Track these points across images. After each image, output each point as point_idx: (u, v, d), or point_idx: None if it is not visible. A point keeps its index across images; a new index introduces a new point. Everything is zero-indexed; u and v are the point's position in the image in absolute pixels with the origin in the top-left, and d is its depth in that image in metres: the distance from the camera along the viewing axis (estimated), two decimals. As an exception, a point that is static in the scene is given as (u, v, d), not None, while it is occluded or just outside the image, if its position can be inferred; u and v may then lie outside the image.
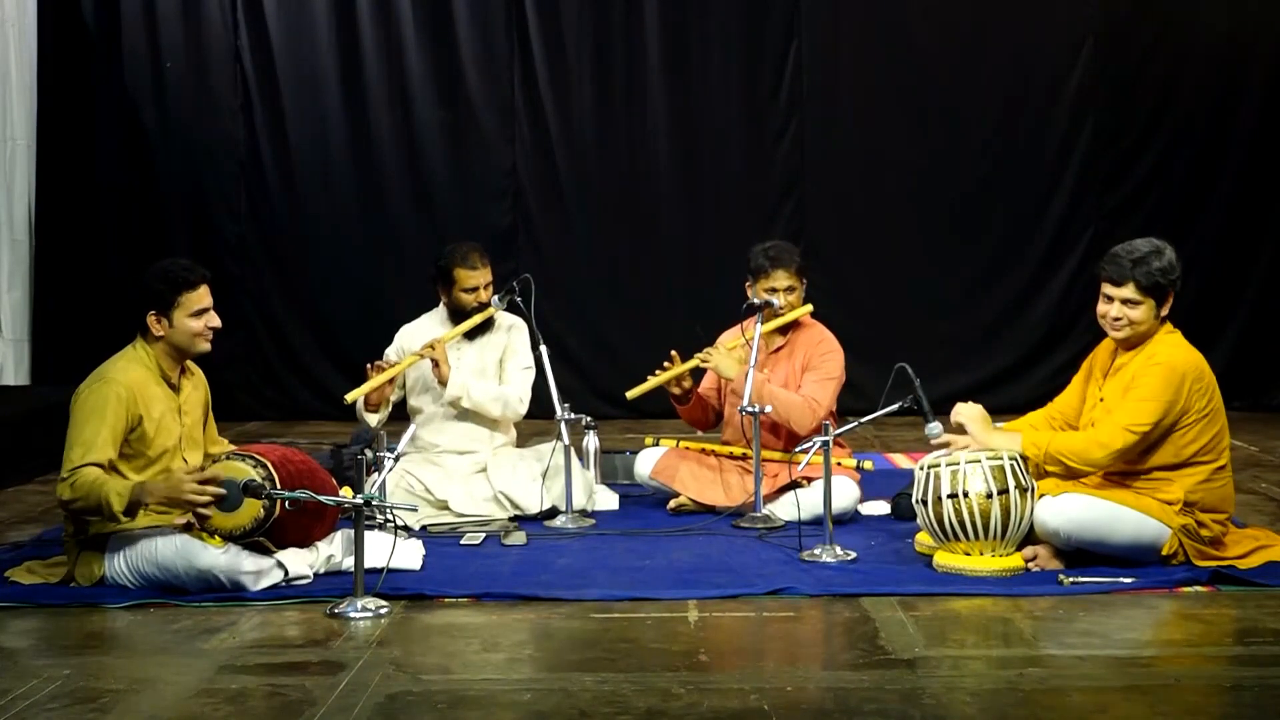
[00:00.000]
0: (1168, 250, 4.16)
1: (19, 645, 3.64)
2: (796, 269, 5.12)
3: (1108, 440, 4.03)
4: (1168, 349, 4.12)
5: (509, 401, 5.19)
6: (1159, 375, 4.05)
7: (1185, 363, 4.09)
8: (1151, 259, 4.11)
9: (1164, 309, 4.16)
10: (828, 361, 5.10)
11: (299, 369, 8.36)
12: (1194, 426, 4.06)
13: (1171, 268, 4.13)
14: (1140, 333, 4.16)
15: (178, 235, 8.25)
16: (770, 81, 8.19)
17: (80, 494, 3.88)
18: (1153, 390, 4.03)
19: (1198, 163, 8.12)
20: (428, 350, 5.08)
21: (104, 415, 3.97)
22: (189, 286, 4.15)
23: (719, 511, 4.98)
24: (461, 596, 3.93)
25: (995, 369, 8.18)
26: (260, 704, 3.09)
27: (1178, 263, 4.17)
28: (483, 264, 5.20)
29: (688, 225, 8.25)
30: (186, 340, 4.16)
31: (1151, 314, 4.13)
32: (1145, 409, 4.02)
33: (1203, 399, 4.07)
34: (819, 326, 5.24)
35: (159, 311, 4.13)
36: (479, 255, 5.21)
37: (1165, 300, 4.15)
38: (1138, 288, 4.11)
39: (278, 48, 8.21)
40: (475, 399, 5.15)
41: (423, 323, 5.37)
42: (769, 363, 5.17)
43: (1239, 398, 7.96)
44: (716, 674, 3.25)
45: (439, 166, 8.27)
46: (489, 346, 5.28)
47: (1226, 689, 3.12)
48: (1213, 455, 4.09)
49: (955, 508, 4.04)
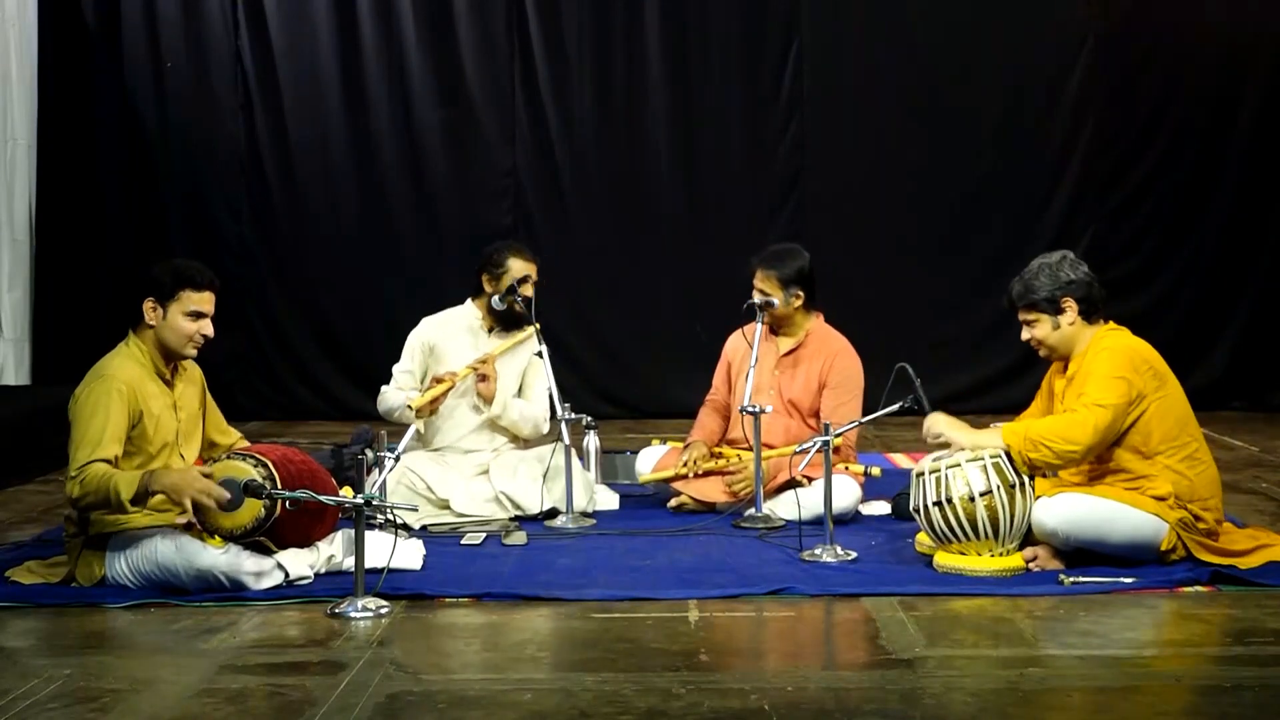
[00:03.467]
0: (1052, 261, 4.26)
1: (19, 645, 3.63)
2: (776, 278, 5.07)
3: (1081, 418, 4.04)
4: (1109, 340, 4.18)
5: (538, 424, 5.24)
6: (1106, 358, 4.11)
7: (1129, 347, 4.16)
8: (1031, 280, 4.25)
9: (1066, 317, 4.20)
10: (848, 378, 5.08)
11: (299, 369, 8.36)
12: (1152, 413, 4.08)
13: (1054, 276, 4.21)
14: (1054, 346, 4.26)
15: (178, 235, 8.26)
16: (770, 81, 8.20)
17: (90, 489, 3.88)
18: (1107, 370, 4.08)
19: (1198, 163, 8.13)
20: (484, 367, 5.09)
21: (107, 412, 3.97)
22: (194, 286, 4.14)
23: (719, 511, 4.98)
24: (462, 596, 3.93)
25: (995, 369, 8.18)
26: (261, 704, 3.08)
27: (1074, 269, 4.23)
28: (530, 256, 5.25)
29: (688, 225, 8.26)
30: (175, 338, 4.14)
31: (1051, 328, 4.22)
32: (1107, 385, 4.05)
33: (1155, 382, 4.11)
34: (833, 333, 5.20)
35: (157, 299, 4.12)
36: (526, 251, 5.28)
37: (1061, 309, 4.19)
38: (1024, 308, 4.26)
39: (278, 48, 8.21)
40: (511, 418, 5.19)
41: (453, 318, 5.31)
42: (781, 366, 5.16)
43: (1239, 398, 7.98)
44: (717, 674, 3.25)
45: (439, 166, 8.28)
46: (518, 353, 5.27)
47: (1226, 689, 3.12)
48: (1182, 441, 4.11)
49: (943, 514, 4.04)
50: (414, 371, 5.24)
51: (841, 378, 5.07)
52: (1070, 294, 4.20)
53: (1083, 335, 4.22)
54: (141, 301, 4.14)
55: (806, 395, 5.10)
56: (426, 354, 5.25)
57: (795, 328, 5.18)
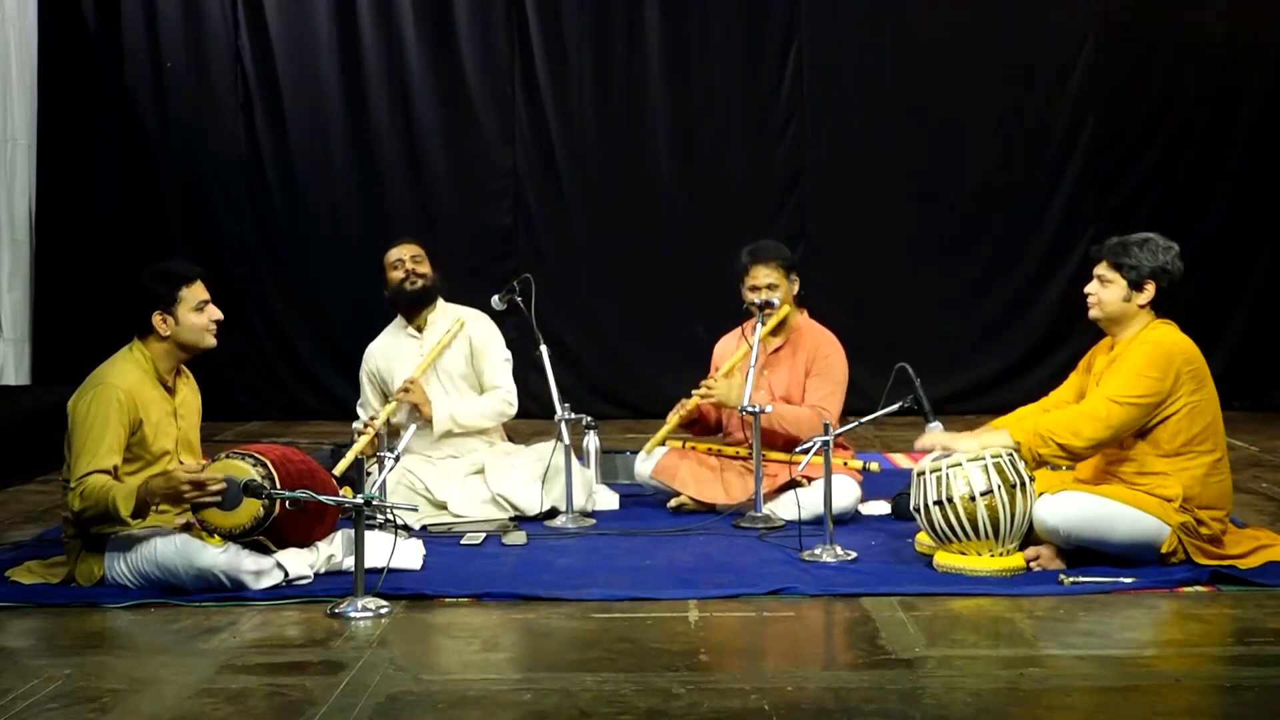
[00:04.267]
0: (1162, 244, 4.19)
1: (19, 645, 3.63)
2: (780, 264, 5.09)
3: (1094, 411, 4.02)
4: (1157, 334, 4.14)
5: (500, 410, 5.20)
6: (1145, 352, 4.07)
7: (1175, 345, 4.10)
8: (1135, 245, 4.17)
9: (1140, 297, 4.16)
10: (831, 365, 5.09)
11: (299, 369, 8.36)
12: (1183, 415, 4.05)
13: (1155, 257, 4.16)
14: (1109, 314, 4.19)
15: (178, 235, 8.27)
16: (770, 81, 8.20)
17: (89, 502, 3.89)
18: (1140, 365, 4.04)
19: (1198, 163, 8.12)
20: (404, 396, 5.05)
21: (106, 421, 3.97)
22: (187, 281, 4.16)
23: (719, 511, 4.98)
24: (462, 596, 3.93)
25: (995, 369, 8.18)
26: (260, 704, 3.08)
27: (1176, 262, 4.18)
28: (406, 241, 5.29)
29: (688, 225, 8.26)
30: (194, 335, 4.16)
31: (1121, 297, 4.16)
32: (1134, 381, 4.02)
33: (1193, 384, 4.07)
34: (818, 326, 5.23)
35: (164, 309, 4.13)
36: (406, 238, 5.35)
37: (1141, 287, 4.16)
38: (1110, 264, 4.18)
39: (278, 48, 8.22)
40: (465, 424, 5.15)
41: (385, 339, 5.35)
42: (770, 363, 5.16)
43: (1239, 398, 7.96)
44: (717, 674, 3.25)
45: (439, 166, 8.28)
46: (450, 356, 5.21)
47: (1226, 689, 3.12)
48: (1206, 448, 4.08)
49: (943, 513, 4.04)
50: (372, 402, 5.26)
51: (824, 365, 5.09)
52: (1160, 280, 4.16)
53: (1138, 320, 4.18)
54: (147, 317, 4.14)
55: (796, 388, 5.11)
56: (378, 382, 5.28)
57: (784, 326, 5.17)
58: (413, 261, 5.21)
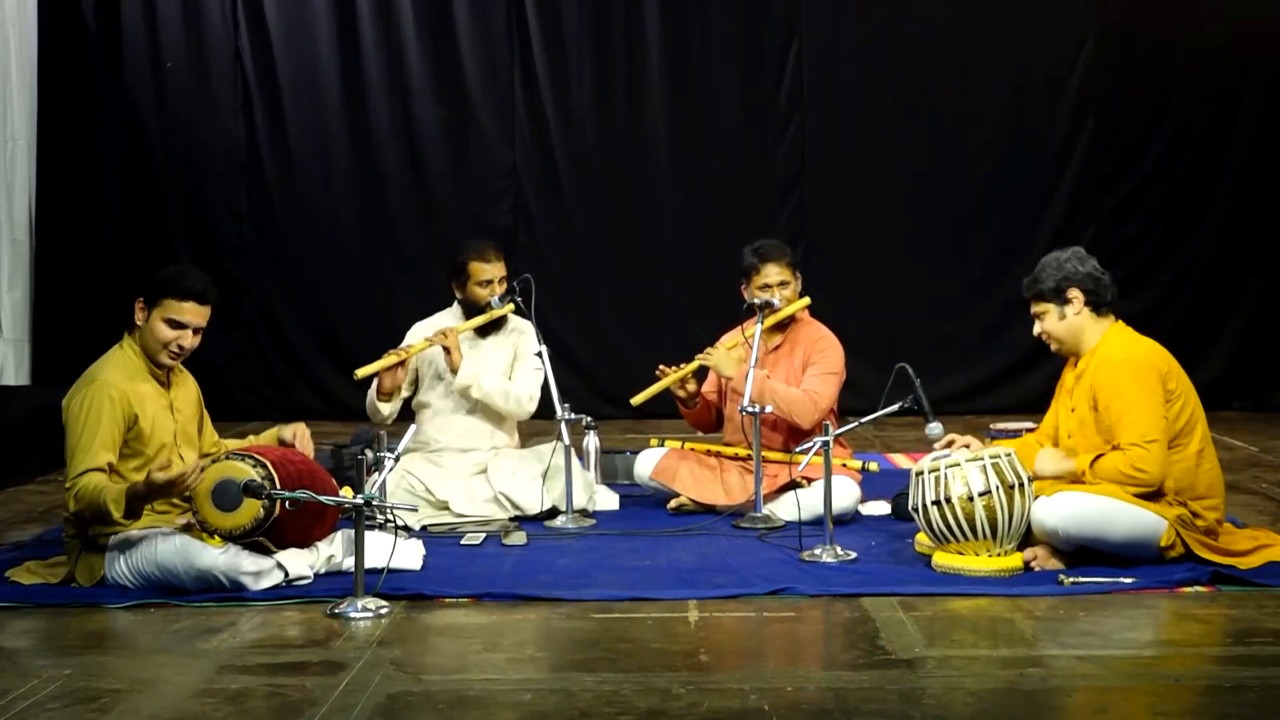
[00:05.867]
0: (1062, 255, 4.28)
1: (19, 645, 3.64)
2: (787, 262, 5.13)
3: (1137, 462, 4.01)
4: (1120, 345, 4.17)
5: (518, 398, 5.20)
6: (1128, 376, 4.08)
7: (1147, 359, 4.13)
8: (1040, 270, 4.30)
9: (1072, 307, 4.21)
10: (827, 357, 5.10)
11: (299, 369, 8.36)
12: (1170, 408, 4.09)
13: (1060, 267, 4.24)
14: (1063, 338, 4.27)
15: (178, 235, 8.27)
16: (770, 81, 8.20)
17: (84, 503, 3.90)
18: (1146, 397, 4.05)
19: (1198, 163, 8.13)
20: (440, 337, 5.10)
21: (99, 419, 3.97)
22: (178, 295, 4.11)
23: (719, 511, 4.98)
24: (462, 596, 3.93)
25: (995, 369, 8.19)
26: (260, 704, 3.09)
27: (1081, 262, 4.25)
28: (497, 258, 5.24)
29: (688, 225, 8.26)
30: (151, 342, 4.13)
31: (1058, 318, 4.24)
32: (1155, 414, 4.03)
33: (1171, 379, 4.12)
34: (816, 324, 5.24)
35: (145, 300, 4.14)
36: (493, 250, 5.26)
37: (1067, 299, 4.21)
38: (1034, 299, 4.30)
39: (278, 48, 8.22)
40: (485, 389, 5.16)
41: (436, 320, 5.37)
42: (768, 361, 5.17)
43: (1239, 398, 7.97)
44: (717, 674, 3.25)
45: (439, 166, 8.28)
46: (501, 346, 5.29)
47: (1226, 689, 3.12)
48: (1188, 439, 4.10)
49: (941, 513, 4.04)
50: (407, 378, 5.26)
51: (820, 357, 5.10)
52: (1076, 284, 4.21)
53: (1090, 328, 4.23)
54: (133, 301, 4.15)
55: (794, 383, 5.11)
56: (415, 360, 5.27)
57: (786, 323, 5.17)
58: (500, 284, 5.21)
